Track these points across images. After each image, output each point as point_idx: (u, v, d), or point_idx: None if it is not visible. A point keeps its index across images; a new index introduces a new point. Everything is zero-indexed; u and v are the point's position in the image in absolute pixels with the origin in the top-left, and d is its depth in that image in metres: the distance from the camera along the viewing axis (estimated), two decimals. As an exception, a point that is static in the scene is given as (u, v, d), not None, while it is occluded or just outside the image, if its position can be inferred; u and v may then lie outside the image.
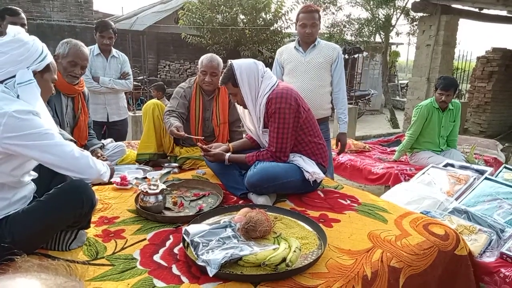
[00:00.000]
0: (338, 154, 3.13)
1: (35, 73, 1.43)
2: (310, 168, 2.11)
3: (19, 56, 1.38)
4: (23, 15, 2.96)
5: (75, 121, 2.48)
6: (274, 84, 2.15)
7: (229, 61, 2.18)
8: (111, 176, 1.62)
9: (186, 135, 2.49)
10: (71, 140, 1.77)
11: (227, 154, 2.26)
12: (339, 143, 3.00)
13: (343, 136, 2.99)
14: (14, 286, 0.40)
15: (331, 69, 2.84)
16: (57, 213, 1.41)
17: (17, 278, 0.42)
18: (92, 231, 1.66)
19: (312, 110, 2.67)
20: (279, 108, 2.06)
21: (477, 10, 6.71)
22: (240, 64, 2.14)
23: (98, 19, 4.74)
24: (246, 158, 2.20)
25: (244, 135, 2.89)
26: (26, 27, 2.96)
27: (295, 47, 2.89)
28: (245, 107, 2.21)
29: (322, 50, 2.80)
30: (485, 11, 6.82)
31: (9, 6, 2.98)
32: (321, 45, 2.83)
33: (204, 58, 2.71)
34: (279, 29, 9.84)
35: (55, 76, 1.56)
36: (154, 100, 2.95)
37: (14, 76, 1.38)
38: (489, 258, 1.82)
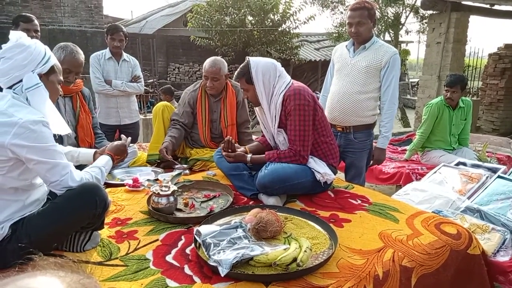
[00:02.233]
0: (370, 166, 2.78)
1: (40, 76, 1.45)
2: (322, 169, 2.11)
3: (23, 60, 1.40)
4: (36, 21, 3.02)
5: (76, 119, 2.51)
6: (289, 82, 2.15)
7: (247, 58, 2.18)
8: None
9: (171, 158, 2.59)
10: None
11: (249, 155, 2.23)
12: (373, 156, 2.68)
13: (378, 151, 2.65)
14: (36, 284, 0.42)
15: (380, 75, 2.52)
16: (72, 214, 1.44)
17: (38, 276, 0.43)
18: (105, 232, 1.69)
19: (344, 116, 2.59)
20: (298, 105, 2.04)
21: (488, 6, 6.62)
22: (257, 62, 2.13)
23: (108, 23, 4.81)
24: (266, 156, 2.18)
25: (253, 137, 2.91)
26: (39, 33, 3.03)
27: (346, 45, 2.66)
28: (256, 104, 2.22)
29: (371, 53, 2.51)
30: (496, 7, 6.72)
31: (23, 13, 3.05)
32: (374, 47, 2.53)
33: (206, 63, 2.73)
34: (287, 29, 9.84)
35: (61, 77, 1.58)
36: (164, 102, 2.99)
37: (21, 81, 1.41)
38: (503, 258, 1.80)
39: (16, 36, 1.44)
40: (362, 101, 2.55)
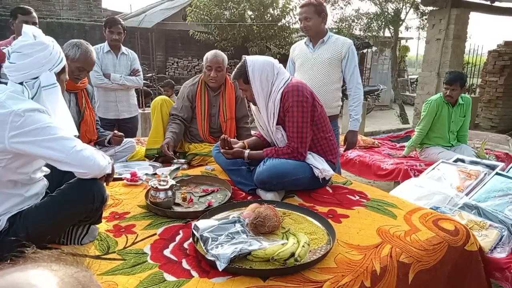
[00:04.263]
0: (345, 150, 3.00)
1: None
2: (320, 165, 2.11)
3: (43, 58, 1.41)
4: (34, 14, 2.99)
5: (81, 115, 2.51)
6: (288, 79, 2.14)
7: (244, 57, 2.16)
8: (112, 171, 1.58)
9: (172, 155, 2.58)
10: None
11: (246, 151, 2.23)
12: (346, 140, 2.88)
13: (351, 134, 2.85)
14: (26, 277, 0.40)
15: (342, 65, 2.74)
16: (69, 208, 1.44)
17: (29, 270, 0.42)
18: (103, 226, 1.69)
19: None
20: (297, 101, 2.04)
21: (488, 2, 6.61)
22: (254, 61, 2.11)
23: (107, 17, 4.77)
24: (264, 152, 2.17)
25: (252, 132, 2.90)
26: (38, 25, 3.00)
27: (305, 42, 2.85)
28: (254, 103, 2.21)
29: (331, 46, 2.72)
30: (496, 3, 6.71)
31: (21, 5, 3.02)
32: (331, 40, 2.74)
33: (208, 54, 2.73)
34: (287, 24, 9.81)
35: (67, 76, 1.61)
36: (162, 96, 2.98)
37: (35, 78, 1.41)
38: (500, 254, 1.80)
39: (32, 31, 1.43)
40: (329, 92, 2.74)
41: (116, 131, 2.51)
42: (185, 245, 1.55)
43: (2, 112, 1.28)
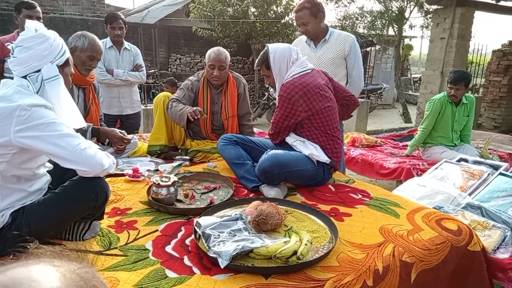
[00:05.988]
0: None
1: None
2: (307, 151, 2.14)
3: (43, 51, 1.41)
4: (38, 8, 2.99)
5: (87, 111, 2.51)
6: (297, 74, 2.18)
7: (267, 45, 2.27)
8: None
9: (204, 115, 2.55)
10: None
11: None
12: None
13: None
14: (28, 273, 0.40)
15: (346, 61, 2.72)
16: (72, 206, 1.43)
17: (31, 265, 0.42)
18: (105, 222, 1.69)
19: None
20: (281, 96, 2.16)
21: (493, 2, 6.57)
22: (275, 48, 2.23)
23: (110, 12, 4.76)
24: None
25: (255, 130, 2.90)
26: (42, 20, 2.99)
27: (306, 41, 2.82)
28: (275, 89, 2.32)
29: (333, 44, 2.70)
30: (502, 3, 6.67)
31: (25, 0, 3.01)
32: (333, 38, 2.71)
33: (211, 52, 2.70)
34: (290, 22, 9.76)
35: (72, 70, 1.60)
36: (165, 93, 2.97)
37: (37, 71, 1.41)
38: (503, 255, 1.79)
39: (34, 25, 1.43)
40: None
41: (119, 145, 2.47)
42: (187, 241, 1.54)
43: (8, 106, 1.28)
